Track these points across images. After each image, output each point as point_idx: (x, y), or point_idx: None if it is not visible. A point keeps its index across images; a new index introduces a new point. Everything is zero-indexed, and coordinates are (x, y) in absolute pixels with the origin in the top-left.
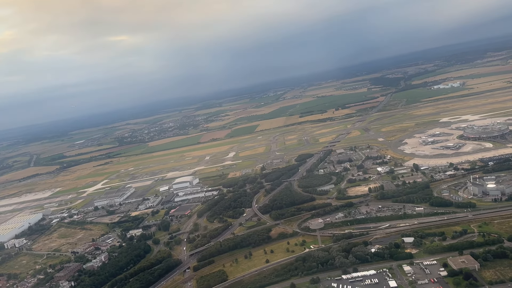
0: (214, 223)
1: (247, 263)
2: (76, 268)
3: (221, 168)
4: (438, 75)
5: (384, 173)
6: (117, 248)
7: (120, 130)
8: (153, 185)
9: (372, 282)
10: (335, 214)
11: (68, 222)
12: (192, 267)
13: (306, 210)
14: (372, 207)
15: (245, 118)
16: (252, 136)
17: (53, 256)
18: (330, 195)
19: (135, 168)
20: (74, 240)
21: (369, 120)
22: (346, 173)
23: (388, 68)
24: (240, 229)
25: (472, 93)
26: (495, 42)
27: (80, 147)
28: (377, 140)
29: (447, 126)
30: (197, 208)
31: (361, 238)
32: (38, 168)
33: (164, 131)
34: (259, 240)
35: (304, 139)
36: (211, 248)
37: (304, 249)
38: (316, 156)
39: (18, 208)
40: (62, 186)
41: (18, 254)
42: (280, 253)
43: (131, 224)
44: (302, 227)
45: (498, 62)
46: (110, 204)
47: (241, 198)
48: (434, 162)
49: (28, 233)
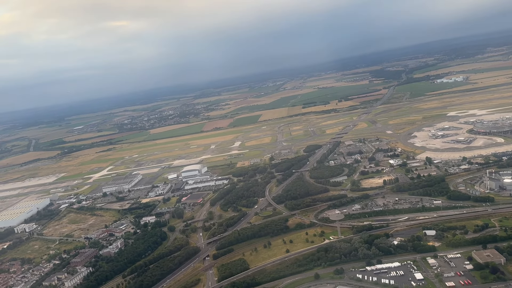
0: (228, 211)
1: (267, 252)
2: (92, 254)
3: (228, 157)
4: (440, 69)
5: (396, 165)
6: (132, 234)
7: (118, 116)
8: (160, 173)
9: (398, 274)
10: (352, 205)
11: (77, 207)
12: (211, 255)
13: (321, 201)
14: (388, 199)
15: (246, 108)
16: (256, 126)
17: (65, 242)
18: (344, 186)
19: (139, 155)
20: (86, 226)
21: (374, 112)
22: (358, 165)
23: (387, 61)
24: (256, 219)
25: (476, 88)
26: (495, 37)
27: (79, 132)
28: (385, 133)
29: (455, 120)
30: (209, 196)
31: (382, 230)
32: (39, 153)
33: (164, 118)
34: (277, 230)
35: (311, 130)
36: (229, 236)
37: (324, 240)
38: (325, 147)
39: (23, 193)
40: (66, 171)
41: (29, 239)
42: (299, 243)
43: (143, 211)
44: (319, 218)
45: (499, 57)
46: (118, 190)
47: (253, 187)
48: (447, 155)
49: (37, 218)
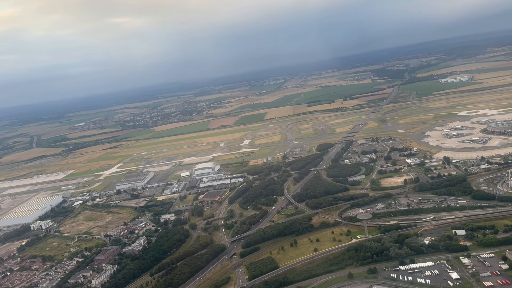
0: (248, 210)
1: (294, 251)
2: (115, 252)
3: (239, 155)
4: (442, 68)
5: (414, 165)
6: (153, 232)
7: (119, 113)
8: (172, 170)
9: (432, 273)
10: (375, 204)
11: (91, 205)
12: (238, 254)
13: (342, 200)
14: (412, 198)
15: (250, 106)
16: (263, 124)
17: (85, 239)
18: (363, 185)
19: (147, 152)
20: (103, 223)
21: (383, 111)
22: (374, 164)
23: (388, 60)
24: (279, 217)
25: (483, 87)
26: (494, 37)
27: (81, 129)
28: (397, 132)
29: (466, 120)
30: (226, 194)
31: (410, 229)
32: (42, 150)
33: (167, 116)
34: (302, 228)
35: (320, 128)
36: (254, 235)
37: (351, 239)
38: (337, 146)
39: (33, 190)
40: (74, 168)
41: (46, 236)
42: (326, 242)
43: (161, 208)
44: (344, 216)
45: (501, 57)
46: (132, 188)
47: (270, 186)
48: (464, 155)
49: (52, 215)
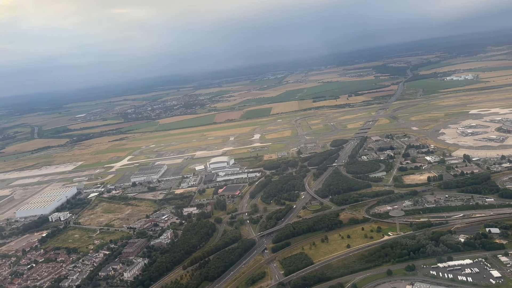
0: (271, 204)
1: (326, 247)
2: (142, 244)
3: (252, 149)
4: (445, 66)
5: (434, 162)
6: (178, 225)
7: (119, 105)
8: (185, 164)
9: (473, 271)
10: (401, 202)
11: (108, 197)
12: (269, 248)
13: (367, 196)
14: (438, 196)
15: (253, 100)
16: (270, 119)
17: (107, 231)
18: (386, 182)
19: (156, 145)
20: (124, 216)
21: (392, 108)
22: (393, 160)
23: (387, 57)
24: (305, 212)
25: (490, 86)
26: (493, 36)
27: (83, 121)
28: (411, 129)
29: (479, 119)
30: (246, 188)
31: (442, 227)
32: (46, 141)
33: (169, 109)
34: (331, 224)
35: (331, 124)
36: (284, 230)
37: (383, 236)
38: (351, 142)
39: (43, 181)
40: (82, 160)
41: (66, 228)
42: (358, 238)
43: (181, 202)
44: (371, 213)
45: (503, 56)
46: (147, 180)
47: (290, 181)
48: (484, 153)
49: (69, 207)
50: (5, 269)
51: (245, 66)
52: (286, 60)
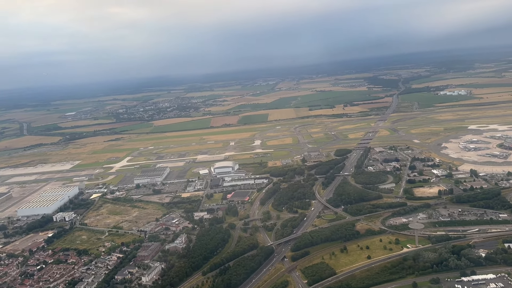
0: (283, 212)
1: (346, 257)
2: (157, 248)
3: (254, 155)
4: (436, 81)
5: (442, 176)
6: (191, 229)
7: (109, 105)
8: (188, 167)
9: (497, 286)
10: (416, 214)
11: (112, 198)
12: (289, 257)
13: (381, 207)
14: (452, 210)
15: (248, 106)
16: (268, 125)
17: (116, 234)
18: (396, 194)
19: (155, 147)
20: (131, 218)
21: (390, 120)
22: (399, 172)
23: (377, 69)
24: (320, 221)
25: (484, 102)
26: (478, 53)
27: (73, 119)
28: (412, 142)
29: (479, 134)
30: (255, 195)
31: (460, 241)
32: (38, 138)
33: (162, 111)
34: (349, 234)
35: (332, 134)
36: (301, 238)
37: (402, 248)
38: (355, 152)
39: (41, 179)
40: (79, 159)
41: (72, 228)
42: (377, 250)
43: (190, 206)
44: (387, 225)
45: (492, 74)
46: (151, 183)
47: (299, 189)
48: (490, 169)
49: (72, 207)
50: (13, 269)
51: (236, 71)
52: (276, 67)
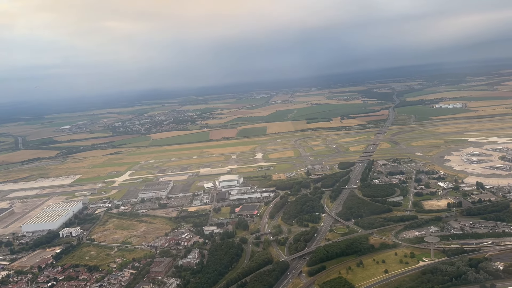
0: (294, 226)
1: (363, 271)
2: (169, 263)
3: (257, 168)
4: (430, 94)
5: (448, 188)
6: (202, 244)
7: (104, 118)
8: (191, 181)
9: None
10: (427, 227)
11: (117, 213)
12: (305, 272)
13: (392, 221)
14: (463, 222)
15: (245, 119)
16: (268, 138)
17: (125, 249)
18: (406, 207)
19: (155, 160)
20: (139, 233)
21: (390, 133)
22: (406, 185)
23: (369, 82)
24: (333, 235)
25: (481, 115)
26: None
27: (69, 132)
28: (415, 154)
29: (479, 147)
30: (263, 208)
31: (475, 253)
32: (35, 152)
33: (159, 124)
34: (364, 248)
35: (333, 147)
36: (317, 253)
37: (418, 262)
38: (358, 165)
39: (42, 194)
40: (79, 173)
41: (80, 244)
42: (393, 264)
43: (198, 220)
44: (400, 238)
45: (484, 87)
46: (156, 197)
47: (307, 202)
48: (495, 181)
49: (77, 222)
50: (23, 287)
51: (229, 84)
52: (269, 80)
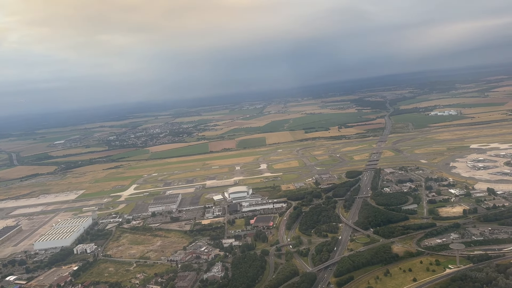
0: (312, 236)
1: (392, 281)
2: (193, 278)
3: (264, 179)
4: (423, 101)
5: (460, 195)
6: (223, 257)
7: (97, 132)
8: (199, 193)
9: None
10: (448, 234)
11: (129, 228)
12: (334, 283)
13: (412, 229)
14: (482, 229)
15: (241, 130)
16: (269, 148)
17: (145, 264)
18: (421, 214)
19: (158, 174)
20: (156, 248)
21: (391, 141)
22: (417, 193)
23: (360, 91)
24: (355, 245)
25: (478, 122)
26: (455, 74)
27: (63, 147)
28: (420, 162)
29: (482, 153)
30: (278, 219)
31: (501, 259)
32: (32, 168)
33: (155, 137)
34: (389, 257)
35: (337, 156)
36: (342, 263)
37: (444, 269)
38: (366, 173)
39: (48, 210)
40: (82, 188)
41: (97, 261)
42: (420, 272)
43: (214, 232)
44: (423, 246)
45: (475, 94)
46: (166, 210)
47: (322, 212)
48: (505, 187)
49: (90, 238)
50: None
51: (221, 95)
52: (260, 91)
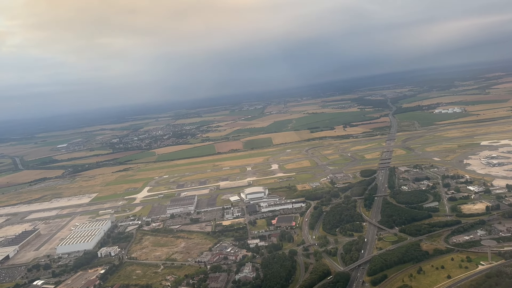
0: (337, 236)
1: (426, 278)
2: (225, 279)
3: (278, 179)
4: (424, 99)
5: (480, 192)
6: (251, 258)
7: (99, 135)
8: (214, 194)
9: None
10: (474, 231)
11: (150, 230)
12: (368, 281)
13: (438, 226)
14: (508, 225)
15: (245, 130)
16: (277, 149)
17: (172, 266)
18: (443, 212)
19: (170, 176)
20: (181, 249)
21: (400, 139)
22: (436, 191)
23: (359, 90)
24: (383, 244)
25: (484, 119)
26: (453, 71)
27: (67, 151)
28: (433, 160)
29: (494, 150)
30: (300, 219)
31: None
32: (39, 172)
33: (159, 139)
34: (420, 255)
35: (348, 155)
36: (375, 262)
37: (477, 266)
38: (380, 172)
39: (63, 214)
40: (94, 191)
41: (122, 263)
42: (453, 269)
43: (237, 233)
44: (452, 243)
45: (476, 91)
46: (185, 212)
47: (344, 211)
48: None
49: (112, 241)
50: None
51: (220, 96)
52: (260, 91)
